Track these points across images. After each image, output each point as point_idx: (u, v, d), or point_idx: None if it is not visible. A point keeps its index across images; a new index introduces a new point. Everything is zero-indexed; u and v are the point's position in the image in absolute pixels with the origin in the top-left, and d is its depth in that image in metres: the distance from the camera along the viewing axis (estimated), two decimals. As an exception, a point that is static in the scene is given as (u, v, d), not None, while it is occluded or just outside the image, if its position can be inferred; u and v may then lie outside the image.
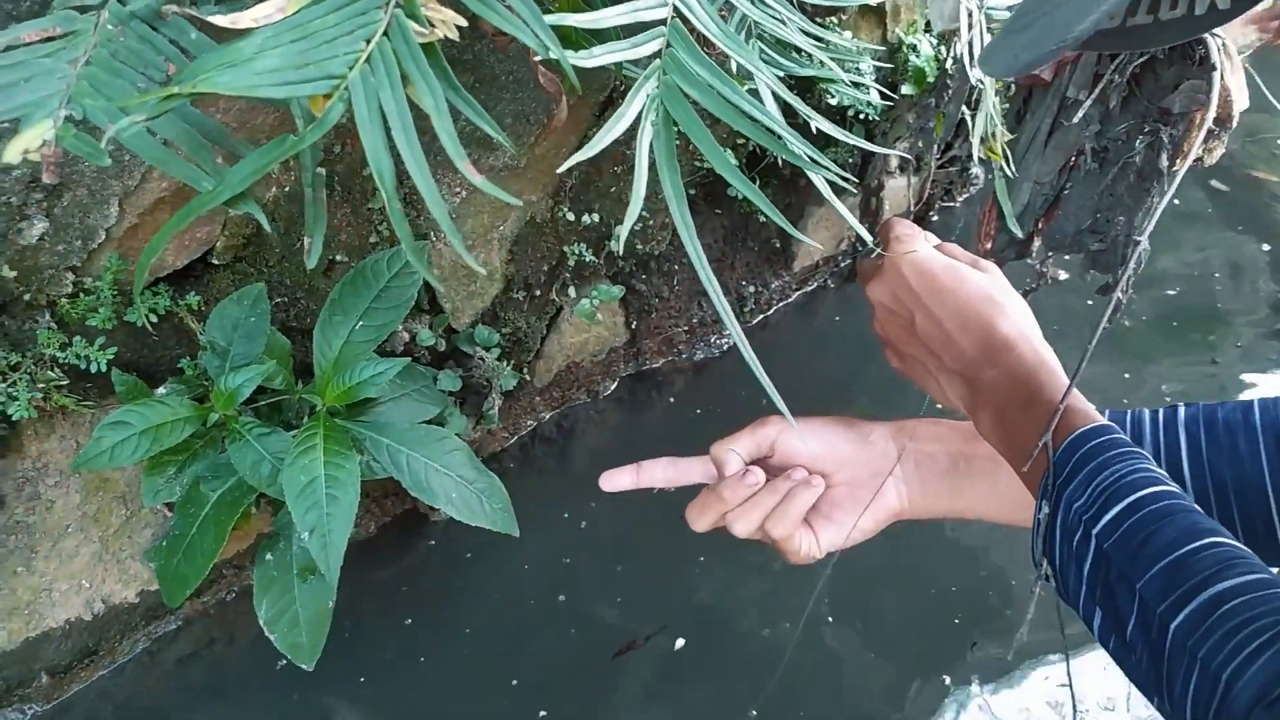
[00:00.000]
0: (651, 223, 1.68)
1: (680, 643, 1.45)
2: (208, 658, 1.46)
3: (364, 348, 1.16)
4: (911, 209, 1.97)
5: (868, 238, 0.76)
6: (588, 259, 1.59)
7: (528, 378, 1.72)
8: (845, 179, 0.71)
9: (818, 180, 0.87)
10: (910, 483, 0.71)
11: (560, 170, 0.74)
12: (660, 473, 0.73)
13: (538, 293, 1.60)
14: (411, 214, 1.37)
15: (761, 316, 2.02)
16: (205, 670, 1.45)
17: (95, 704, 1.38)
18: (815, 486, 0.68)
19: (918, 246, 0.71)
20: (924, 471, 0.71)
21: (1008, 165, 1.10)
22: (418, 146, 0.58)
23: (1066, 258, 1.17)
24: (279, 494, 1.09)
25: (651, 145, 0.67)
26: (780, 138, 0.66)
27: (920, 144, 1.37)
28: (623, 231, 0.73)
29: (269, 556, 1.21)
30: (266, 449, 1.14)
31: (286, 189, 1.22)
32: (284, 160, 0.55)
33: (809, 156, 0.66)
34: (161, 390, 1.20)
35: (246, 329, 1.18)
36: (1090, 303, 1.98)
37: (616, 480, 0.72)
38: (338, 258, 1.31)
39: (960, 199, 2.25)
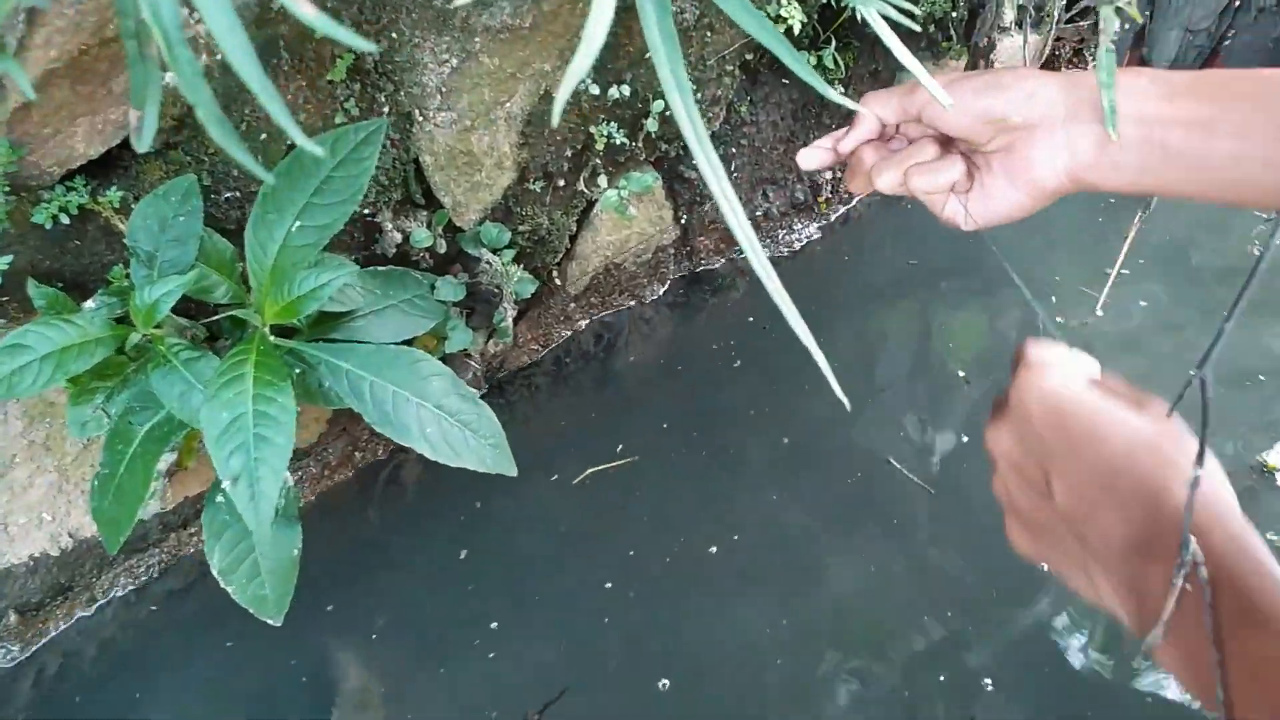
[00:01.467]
0: (699, 95, 1.39)
1: (713, 549, 1.24)
2: (199, 592, 1.33)
3: (305, 253, 0.94)
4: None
5: (945, 100, 0.62)
6: (619, 141, 1.32)
7: (557, 282, 1.49)
8: (929, 33, 0.49)
9: (878, 24, 0.62)
10: (1083, 149, 0.60)
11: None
12: (848, 144, 0.68)
13: (561, 183, 1.35)
14: (388, 86, 1.13)
15: (842, 208, 1.72)
16: (197, 605, 1.31)
17: (77, 642, 1.26)
18: (950, 165, 0.64)
19: (1057, 378, 0.53)
20: (1101, 138, 0.60)
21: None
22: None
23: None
24: (212, 430, 0.90)
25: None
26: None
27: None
28: (556, 105, 0.50)
29: (219, 499, 1.03)
30: (196, 376, 0.95)
31: (219, 56, 0.99)
32: None
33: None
34: (90, 304, 1.02)
35: (176, 230, 0.98)
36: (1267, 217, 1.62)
37: (814, 157, 0.67)
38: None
39: (1093, 59, 1.86)
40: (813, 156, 0.67)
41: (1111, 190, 0.62)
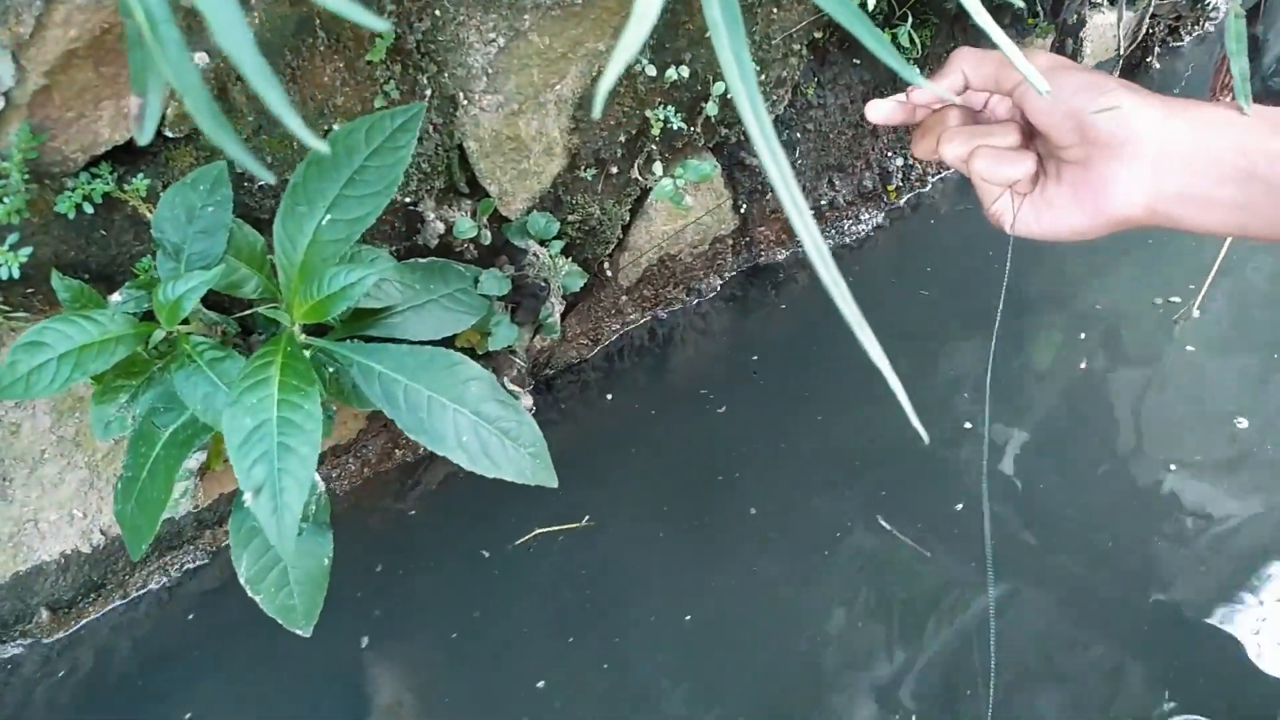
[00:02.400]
0: (763, 77, 1.30)
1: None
2: (236, 591, 1.28)
3: (336, 248, 0.88)
4: (1121, 53, 1.50)
5: (1042, 85, 0.57)
6: (677, 126, 1.24)
7: (608, 274, 1.41)
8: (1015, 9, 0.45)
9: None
10: (1173, 179, 0.55)
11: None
12: (923, 95, 0.64)
13: (614, 170, 1.27)
14: (431, 68, 1.06)
15: (912, 194, 1.61)
16: (235, 605, 1.27)
17: (110, 638, 1.23)
18: (1019, 160, 0.60)
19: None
20: (1196, 170, 0.55)
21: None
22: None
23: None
24: (237, 435, 0.84)
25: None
26: None
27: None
28: (600, 89, 0.44)
29: (248, 503, 0.98)
30: (221, 376, 0.89)
31: (253, 29, 0.93)
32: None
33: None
34: (116, 298, 0.97)
35: (204, 221, 0.93)
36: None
37: (884, 109, 0.63)
38: (335, 126, 1.03)
39: (1190, 36, 1.72)
40: (883, 108, 0.63)
41: (1194, 228, 0.57)
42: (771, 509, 1.26)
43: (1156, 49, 1.70)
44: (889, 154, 1.53)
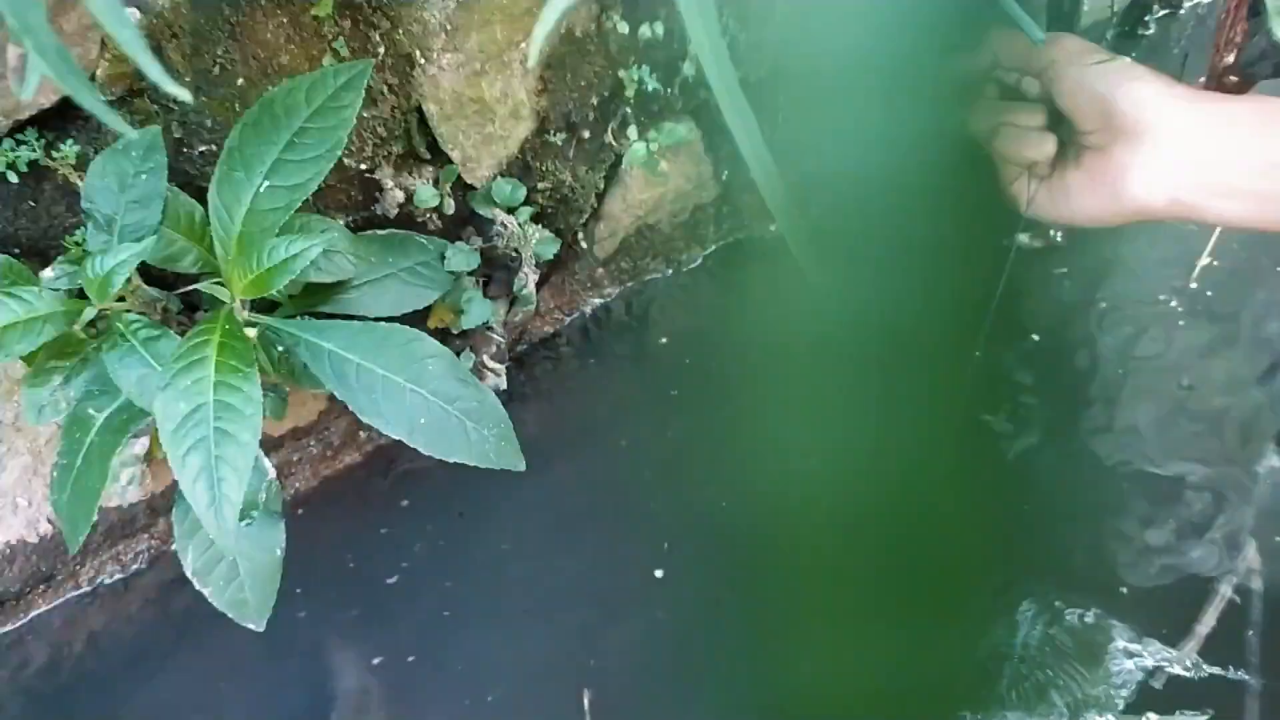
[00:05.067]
0: (741, 38, 1.23)
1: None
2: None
3: (276, 216, 0.81)
4: (1115, 8, 1.43)
5: (1037, 34, 0.60)
6: (653, 88, 1.17)
7: (583, 245, 1.35)
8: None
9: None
10: (1195, 169, 0.55)
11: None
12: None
13: (586, 134, 1.20)
14: (384, 23, 0.99)
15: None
16: (194, 594, 1.22)
17: (63, 631, 1.17)
18: (1040, 142, 0.60)
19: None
20: (1220, 161, 0.54)
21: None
22: None
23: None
24: (173, 420, 0.78)
25: None
26: None
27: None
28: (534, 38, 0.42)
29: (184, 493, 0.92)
30: (157, 357, 0.83)
31: (181, -11, 0.86)
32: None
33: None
34: (48, 273, 0.90)
35: (138, 190, 0.86)
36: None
37: None
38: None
39: (1190, 1, 1.65)
40: None
41: (1215, 220, 0.56)
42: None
43: (1156, 9, 1.63)
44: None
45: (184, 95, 0.34)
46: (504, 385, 1.21)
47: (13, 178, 0.86)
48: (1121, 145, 0.57)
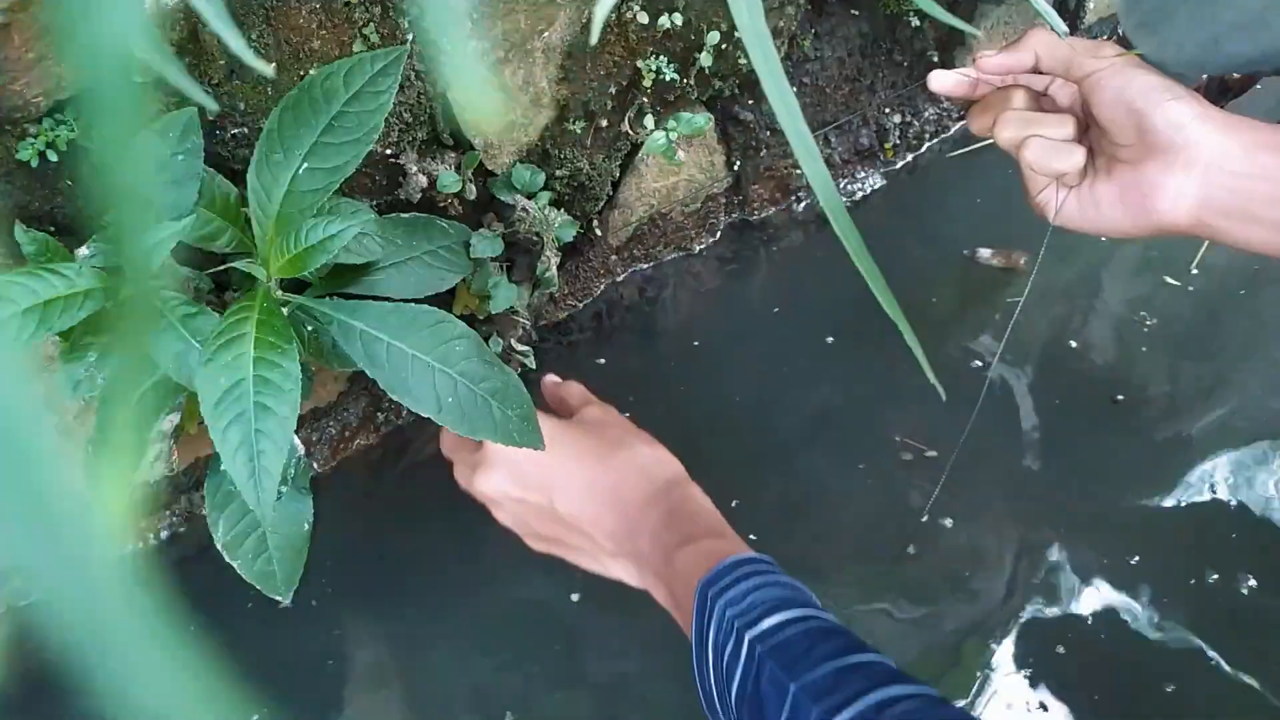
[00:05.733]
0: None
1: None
2: (212, 558, 1.25)
3: (314, 198, 0.83)
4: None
5: (1061, 28, 0.60)
6: (669, 78, 1.20)
7: (597, 232, 1.37)
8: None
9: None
10: (1223, 192, 0.56)
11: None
12: (994, 65, 0.64)
13: (603, 123, 1.23)
14: (413, 10, 1.01)
15: (909, 156, 1.58)
16: (211, 571, 1.24)
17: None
18: (1070, 152, 0.60)
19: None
20: (1246, 187, 0.55)
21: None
22: None
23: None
24: (211, 395, 0.80)
25: None
26: None
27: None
28: (595, 21, 0.44)
29: (224, 466, 0.94)
30: (194, 334, 0.85)
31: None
32: None
33: None
34: (83, 251, 0.92)
35: (174, 170, 0.88)
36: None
37: (947, 80, 0.65)
38: (312, 71, 0.98)
39: None
40: (945, 79, 0.64)
41: (1236, 243, 0.57)
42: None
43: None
44: (885, 110, 1.49)
45: (267, 70, 0.36)
46: (533, 365, 1.24)
47: (52, 156, 0.88)
48: (1154, 162, 0.58)
